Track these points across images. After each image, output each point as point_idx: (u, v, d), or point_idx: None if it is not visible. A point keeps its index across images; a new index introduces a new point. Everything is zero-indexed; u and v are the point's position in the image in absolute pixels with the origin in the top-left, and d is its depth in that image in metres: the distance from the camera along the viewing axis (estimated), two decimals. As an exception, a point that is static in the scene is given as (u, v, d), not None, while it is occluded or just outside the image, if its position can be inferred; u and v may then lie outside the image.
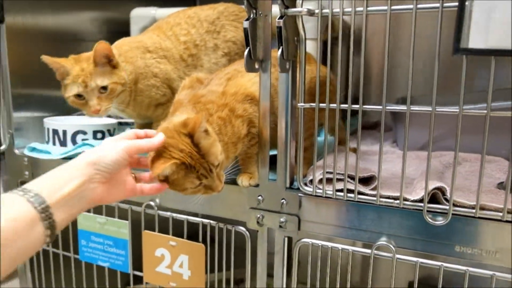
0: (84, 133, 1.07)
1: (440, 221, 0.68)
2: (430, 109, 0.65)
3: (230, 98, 0.81)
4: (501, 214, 0.65)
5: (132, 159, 0.71)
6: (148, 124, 1.11)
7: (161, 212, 0.95)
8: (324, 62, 0.76)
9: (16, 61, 1.10)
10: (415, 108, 0.67)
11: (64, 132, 1.07)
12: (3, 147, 1.10)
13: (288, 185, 0.80)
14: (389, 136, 1.31)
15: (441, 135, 1.05)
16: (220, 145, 0.74)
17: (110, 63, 0.95)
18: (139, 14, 1.38)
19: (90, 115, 0.96)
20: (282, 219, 0.81)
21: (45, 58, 0.94)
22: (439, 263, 0.71)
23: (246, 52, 0.72)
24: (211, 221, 0.91)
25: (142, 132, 0.73)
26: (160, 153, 0.69)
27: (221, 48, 1.09)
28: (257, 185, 0.83)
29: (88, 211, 1.01)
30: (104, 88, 0.94)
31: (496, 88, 0.62)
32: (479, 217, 0.67)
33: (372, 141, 1.30)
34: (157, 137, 0.69)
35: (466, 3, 0.56)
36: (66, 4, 1.22)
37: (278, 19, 0.69)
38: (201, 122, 0.69)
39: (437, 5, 0.61)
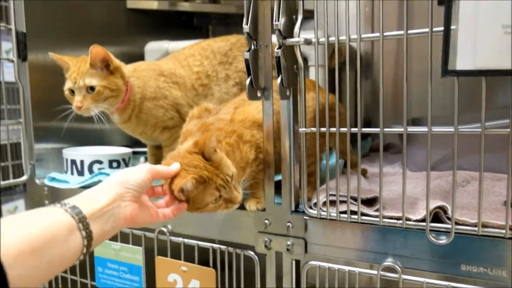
0: (100, 162, 1.12)
1: (443, 240, 0.69)
2: (426, 129, 0.67)
3: (238, 124, 0.85)
4: (504, 231, 0.65)
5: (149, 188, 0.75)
6: (159, 149, 1.15)
7: (173, 238, 0.97)
8: (331, 88, 0.78)
9: (37, 96, 1.17)
10: (412, 129, 0.69)
11: (82, 162, 1.11)
12: (24, 177, 1.16)
13: (293, 208, 0.82)
14: (399, 158, 1.32)
15: (449, 154, 1.05)
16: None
17: (107, 68, 1.02)
18: (153, 48, 1.45)
19: (75, 111, 1.02)
20: (289, 242, 0.82)
21: (52, 55, 1.03)
22: (446, 283, 0.71)
23: (248, 81, 0.76)
24: (221, 246, 0.93)
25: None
26: (176, 174, 0.73)
27: (232, 78, 1.13)
28: (263, 209, 0.85)
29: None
30: (92, 88, 1.00)
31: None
32: (482, 235, 0.67)
33: (383, 163, 1.30)
34: (173, 165, 0.74)
35: (452, 26, 0.58)
36: (84, 40, 1.29)
37: (277, 49, 0.72)
38: (211, 138, 0.73)
39: (427, 30, 0.63)
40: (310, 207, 0.80)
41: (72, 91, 1.02)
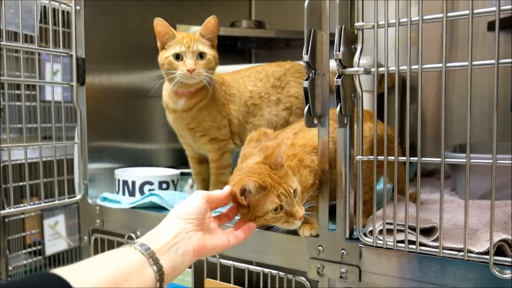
0: (151, 183, 1.15)
1: (508, 274, 0.67)
2: (491, 161, 0.66)
3: (299, 149, 0.87)
4: None
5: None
6: (202, 164, 1.18)
7: (223, 261, 0.98)
8: (380, 115, 0.79)
9: (91, 117, 1.22)
10: (475, 160, 0.68)
11: (133, 182, 1.15)
12: (78, 197, 1.20)
13: (348, 235, 0.82)
14: (447, 184, 1.30)
15: (503, 183, 1.03)
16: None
17: (212, 42, 1.06)
18: (200, 71, 1.49)
19: (183, 75, 1.02)
20: (342, 270, 0.81)
21: (158, 20, 1.04)
22: (510, 320, 0.69)
23: (306, 109, 0.77)
24: (272, 271, 0.93)
25: None
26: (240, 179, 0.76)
27: (283, 102, 1.16)
28: (317, 235, 0.85)
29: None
30: (202, 56, 1.04)
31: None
32: (550, 271, 0.65)
33: (430, 189, 1.28)
34: (225, 188, 0.77)
35: (522, 60, 0.58)
36: (136, 65, 1.35)
37: (337, 78, 0.73)
38: (279, 149, 0.77)
39: (493, 61, 0.63)
40: (365, 235, 0.80)
41: (177, 57, 1.03)
